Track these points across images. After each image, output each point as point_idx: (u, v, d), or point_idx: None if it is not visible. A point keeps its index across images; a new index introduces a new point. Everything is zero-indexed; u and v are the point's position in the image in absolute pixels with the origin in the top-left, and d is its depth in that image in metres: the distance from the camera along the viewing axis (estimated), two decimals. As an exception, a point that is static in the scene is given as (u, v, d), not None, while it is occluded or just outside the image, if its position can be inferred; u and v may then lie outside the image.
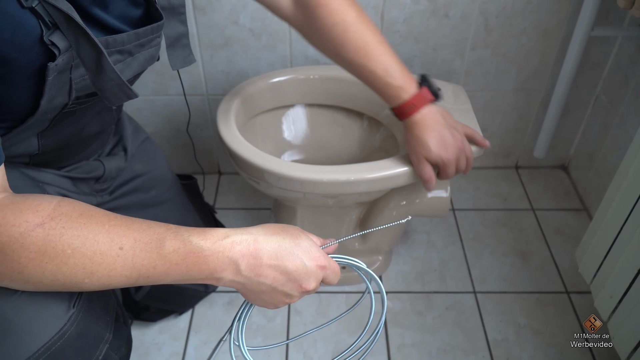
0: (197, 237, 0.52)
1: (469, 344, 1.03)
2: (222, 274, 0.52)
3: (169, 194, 0.93)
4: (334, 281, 0.59)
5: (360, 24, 0.76)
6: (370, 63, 0.77)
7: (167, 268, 0.50)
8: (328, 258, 0.58)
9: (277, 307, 0.58)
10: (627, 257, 0.80)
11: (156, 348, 1.03)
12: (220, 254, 0.52)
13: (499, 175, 1.43)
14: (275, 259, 0.53)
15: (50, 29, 0.48)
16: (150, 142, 0.93)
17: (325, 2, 0.75)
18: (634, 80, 1.10)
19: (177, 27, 0.63)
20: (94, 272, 0.48)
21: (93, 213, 0.50)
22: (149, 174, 0.89)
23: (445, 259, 1.20)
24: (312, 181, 0.85)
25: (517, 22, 1.14)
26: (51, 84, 0.51)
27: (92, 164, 0.77)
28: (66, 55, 0.50)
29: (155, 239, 0.50)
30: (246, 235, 0.54)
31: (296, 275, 0.54)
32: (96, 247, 0.48)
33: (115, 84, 0.52)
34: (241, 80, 1.06)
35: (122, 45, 0.55)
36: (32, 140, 0.62)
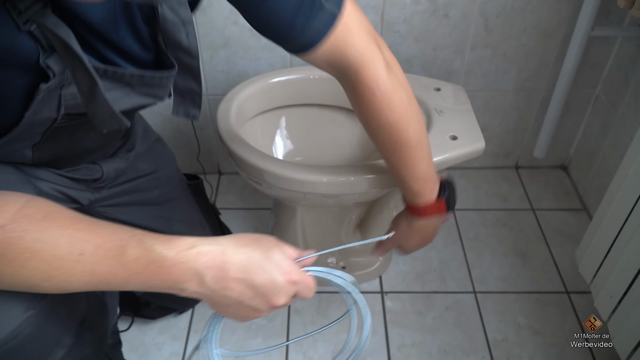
0: (162, 245, 0.50)
1: (469, 344, 1.03)
2: (185, 284, 0.50)
3: (173, 194, 0.92)
4: (307, 296, 0.56)
5: (396, 126, 0.69)
6: (396, 162, 0.74)
7: (127, 276, 0.49)
8: (301, 273, 0.55)
9: (245, 320, 0.56)
10: (627, 257, 0.80)
11: (156, 348, 1.03)
12: (183, 265, 0.50)
13: (499, 175, 1.43)
14: (243, 272, 0.51)
15: (47, 52, 0.47)
16: (161, 143, 0.92)
17: (365, 96, 0.68)
18: (634, 80, 1.10)
19: (189, 82, 0.61)
20: (52, 276, 0.47)
21: (58, 216, 0.49)
22: (153, 174, 0.88)
23: (445, 259, 1.20)
24: (312, 181, 0.85)
25: (517, 22, 1.14)
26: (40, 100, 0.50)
27: (90, 167, 0.76)
28: (60, 77, 0.50)
29: (117, 245, 0.49)
30: (214, 246, 0.51)
31: (264, 290, 0.52)
32: (55, 252, 0.47)
33: (106, 112, 0.51)
34: (241, 80, 1.06)
35: (122, 77, 0.54)
36: (26, 152, 0.61)
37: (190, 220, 0.94)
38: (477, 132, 0.93)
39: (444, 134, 0.92)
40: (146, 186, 0.87)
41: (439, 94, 1.03)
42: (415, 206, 0.78)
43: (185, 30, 0.55)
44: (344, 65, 0.65)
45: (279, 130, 1.11)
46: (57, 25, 0.45)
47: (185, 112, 0.63)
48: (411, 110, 0.70)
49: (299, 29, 0.60)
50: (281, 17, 0.59)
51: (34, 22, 0.45)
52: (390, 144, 0.72)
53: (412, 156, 0.73)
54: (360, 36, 0.64)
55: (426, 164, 0.74)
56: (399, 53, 1.19)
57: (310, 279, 0.56)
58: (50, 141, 0.61)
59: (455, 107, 0.99)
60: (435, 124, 0.95)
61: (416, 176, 0.74)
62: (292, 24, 0.59)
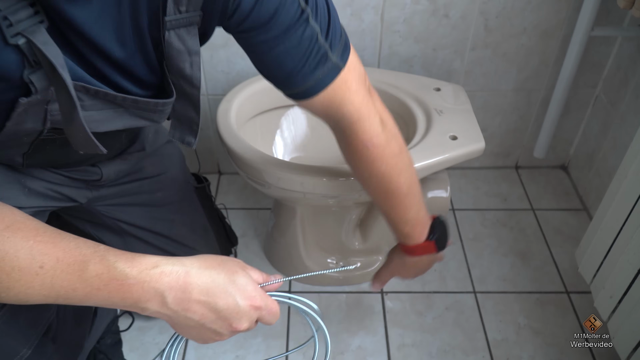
0: (124, 263, 0.49)
1: (469, 344, 1.03)
2: (147, 304, 0.49)
3: (177, 197, 0.91)
4: (270, 322, 0.55)
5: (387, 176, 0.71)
6: (386, 207, 0.76)
7: (87, 292, 0.48)
8: (265, 298, 0.54)
9: (206, 342, 0.55)
10: (627, 257, 0.80)
11: (156, 348, 1.03)
12: (145, 284, 0.49)
13: (499, 175, 1.43)
14: (206, 295, 0.50)
15: (32, 67, 0.47)
16: (171, 145, 0.91)
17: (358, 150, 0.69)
18: (634, 80, 1.10)
19: (188, 110, 0.60)
20: (10, 287, 0.46)
21: (22, 226, 0.48)
22: (158, 177, 0.87)
23: (445, 259, 1.20)
24: (312, 181, 0.85)
25: (517, 22, 1.14)
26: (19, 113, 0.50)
27: (89, 169, 0.76)
28: (43, 93, 0.49)
29: (79, 261, 0.48)
30: (177, 267, 0.50)
31: (227, 314, 0.51)
32: (15, 263, 0.46)
33: (82, 136, 0.51)
34: (241, 80, 1.06)
35: (115, 99, 0.53)
36: (17, 158, 0.61)
37: (192, 223, 0.94)
38: (477, 132, 0.93)
39: (444, 134, 0.92)
40: (149, 188, 0.86)
41: (439, 94, 1.03)
42: (406, 247, 0.81)
43: (190, 59, 0.54)
44: (339, 117, 0.66)
45: (279, 130, 1.11)
46: (46, 44, 0.44)
47: (181, 137, 0.63)
48: (402, 160, 0.71)
49: (300, 78, 0.60)
50: (287, 65, 0.59)
51: (24, 37, 0.44)
52: (382, 192, 0.73)
53: (402, 202, 0.74)
54: (358, 92, 0.64)
55: (416, 209, 0.76)
56: (399, 53, 1.19)
57: (275, 304, 0.55)
58: (40, 151, 0.60)
59: (455, 107, 0.99)
60: (435, 124, 0.95)
61: (405, 220, 0.76)
62: (295, 73, 0.59)
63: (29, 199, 0.68)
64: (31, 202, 0.64)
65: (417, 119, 0.97)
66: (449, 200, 1.03)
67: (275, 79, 0.62)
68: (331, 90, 0.62)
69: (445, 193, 1.03)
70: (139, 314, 1.04)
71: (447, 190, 1.03)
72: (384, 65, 1.21)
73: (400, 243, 0.82)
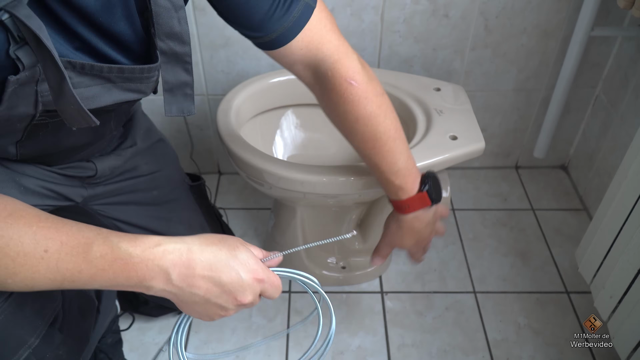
0: (127, 243, 0.50)
1: (469, 344, 1.03)
2: (152, 282, 0.51)
3: (173, 195, 0.91)
4: (273, 295, 0.57)
5: (374, 117, 0.70)
6: (375, 156, 0.74)
7: (93, 273, 0.49)
8: (267, 271, 0.56)
9: (212, 320, 0.56)
10: (627, 257, 0.80)
11: (156, 348, 1.03)
12: (150, 262, 0.50)
13: (499, 175, 1.43)
14: (209, 270, 0.52)
15: (18, 43, 0.46)
16: (164, 144, 0.90)
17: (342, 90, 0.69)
18: (634, 80, 1.10)
19: (179, 74, 0.59)
20: (16, 273, 0.47)
21: (24, 213, 0.49)
22: (152, 175, 0.87)
23: (445, 259, 1.20)
24: (312, 181, 0.85)
25: (517, 22, 1.14)
26: (10, 94, 0.50)
27: (84, 164, 0.75)
28: (31, 70, 0.49)
29: (82, 243, 0.49)
30: (180, 245, 0.52)
31: (231, 288, 0.53)
32: (20, 249, 0.47)
33: (74, 109, 0.51)
34: (241, 80, 1.06)
35: (101, 72, 0.53)
36: (10, 148, 0.61)
37: (189, 221, 0.94)
38: (477, 132, 0.93)
39: (444, 134, 0.92)
40: (145, 186, 0.86)
41: (439, 94, 1.03)
42: (399, 201, 0.78)
43: (177, 15, 0.54)
44: (319, 60, 0.65)
45: (279, 130, 1.11)
46: (29, 17, 0.44)
47: (179, 109, 0.61)
48: (386, 101, 0.71)
49: (276, 20, 0.59)
50: (260, 8, 0.58)
51: (6, 12, 0.44)
52: (370, 137, 0.72)
53: (392, 148, 0.73)
54: (333, 30, 0.65)
55: (406, 156, 0.75)
56: (399, 53, 1.19)
57: (276, 277, 0.56)
58: (33, 138, 0.60)
59: (455, 107, 0.99)
60: (435, 124, 0.95)
61: (396, 169, 0.74)
62: (270, 16, 0.59)
63: (24, 197, 0.67)
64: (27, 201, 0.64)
65: (417, 119, 0.97)
66: (449, 200, 1.03)
67: (249, 26, 0.61)
68: (308, 31, 0.62)
69: (445, 193, 1.03)
70: (140, 314, 1.05)
71: (447, 190, 1.03)
72: (384, 65, 1.21)
73: (394, 203, 0.80)
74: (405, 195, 0.77)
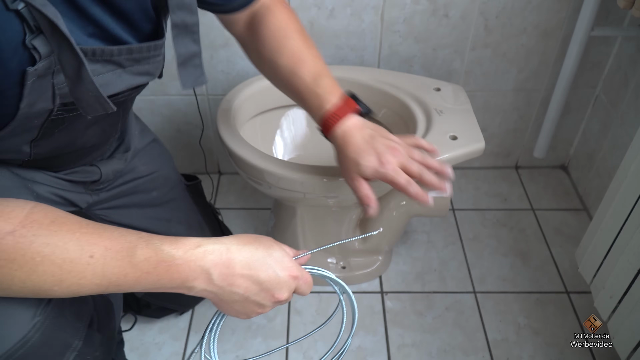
0: (169, 245, 0.51)
1: (469, 344, 1.03)
2: (194, 282, 0.52)
3: (172, 195, 0.92)
4: (306, 291, 0.59)
5: (300, 36, 0.77)
6: (301, 70, 0.74)
7: (138, 276, 0.50)
8: (300, 269, 0.58)
9: (249, 317, 0.58)
10: (627, 257, 0.80)
11: (156, 348, 1.03)
12: (192, 263, 0.51)
13: (499, 175, 1.43)
14: (248, 268, 0.53)
15: (33, 32, 0.47)
16: (158, 144, 0.91)
17: (274, 11, 0.77)
18: (634, 80, 1.10)
19: (189, 46, 0.62)
20: (63, 279, 0.48)
21: (65, 220, 0.49)
22: (151, 176, 0.87)
23: (445, 259, 1.20)
24: (312, 181, 0.85)
25: (517, 22, 1.14)
26: (30, 88, 0.50)
27: (89, 169, 0.76)
28: (47, 60, 0.49)
29: (126, 247, 0.50)
30: (219, 245, 0.53)
31: (269, 285, 0.54)
32: (66, 255, 0.47)
33: (92, 96, 0.51)
34: (241, 80, 1.06)
35: (111, 56, 0.54)
36: (24, 147, 0.61)
37: (189, 221, 0.94)
38: (477, 132, 0.93)
39: (444, 134, 0.92)
40: (144, 187, 0.87)
41: (439, 94, 1.03)
42: (326, 114, 0.72)
43: None
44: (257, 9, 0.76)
45: (279, 130, 1.11)
46: (45, 5, 0.45)
47: (194, 81, 0.64)
48: (305, 32, 0.79)
49: None
50: None
51: (22, 1, 0.44)
52: (297, 51, 0.75)
53: (314, 63, 0.75)
54: None
55: (327, 73, 0.76)
56: (399, 53, 1.19)
57: (308, 274, 0.59)
58: (47, 136, 0.60)
59: (455, 107, 0.99)
60: (435, 124, 0.95)
61: (319, 81, 0.74)
62: None
63: None
64: None
65: (417, 119, 0.97)
66: (449, 200, 1.03)
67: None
68: None
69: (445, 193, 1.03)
70: (141, 314, 1.05)
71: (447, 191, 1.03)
72: (384, 65, 1.21)
73: (323, 122, 0.73)
74: (329, 104, 0.72)
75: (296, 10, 1.11)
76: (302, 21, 1.12)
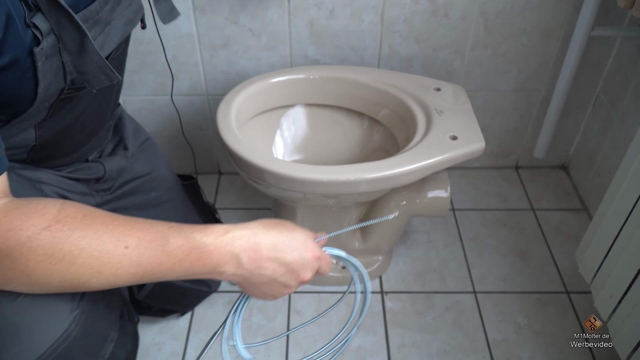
0: (200, 233, 0.53)
1: (469, 344, 1.03)
2: (225, 267, 0.54)
3: (170, 195, 0.93)
4: (327, 271, 0.61)
5: None
6: None
7: (172, 264, 0.52)
8: (321, 250, 0.61)
9: (276, 298, 0.60)
10: (627, 257, 0.80)
11: (156, 348, 1.03)
12: (222, 249, 0.53)
13: (499, 175, 1.43)
14: (275, 251, 0.55)
15: (32, 10, 0.47)
16: (151, 143, 0.92)
17: None
18: (634, 80, 1.10)
19: None
20: (101, 271, 0.49)
21: (96, 214, 0.51)
22: (149, 175, 0.88)
23: (445, 259, 1.20)
24: (312, 181, 0.85)
25: (517, 22, 1.14)
26: (43, 69, 0.51)
27: (93, 165, 0.77)
28: (50, 38, 0.50)
29: (159, 236, 0.51)
30: (246, 230, 0.55)
31: (294, 266, 0.57)
32: (102, 247, 0.49)
33: (97, 67, 0.52)
34: (241, 80, 1.06)
35: (97, 14, 0.55)
36: (30, 131, 0.62)
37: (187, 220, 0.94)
38: (477, 132, 0.93)
39: (444, 134, 0.92)
40: (143, 188, 0.88)
41: (439, 94, 1.03)
42: None
43: None
44: None
45: (279, 130, 1.11)
46: None
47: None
48: None
49: None
50: None
51: None
52: None
53: None
54: None
55: None
56: (399, 53, 1.19)
57: (328, 255, 0.62)
58: (54, 117, 0.62)
59: (455, 107, 0.99)
60: (435, 124, 0.95)
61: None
62: None
63: None
64: None
65: (417, 119, 0.97)
66: (449, 200, 1.03)
67: None
68: None
69: (445, 193, 1.03)
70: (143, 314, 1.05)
71: (447, 190, 1.03)
72: (384, 65, 1.21)
73: None
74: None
75: (296, 10, 1.12)
76: (302, 21, 1.13)
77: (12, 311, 0.51)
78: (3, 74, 0.49)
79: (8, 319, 0.51)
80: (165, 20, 0.71)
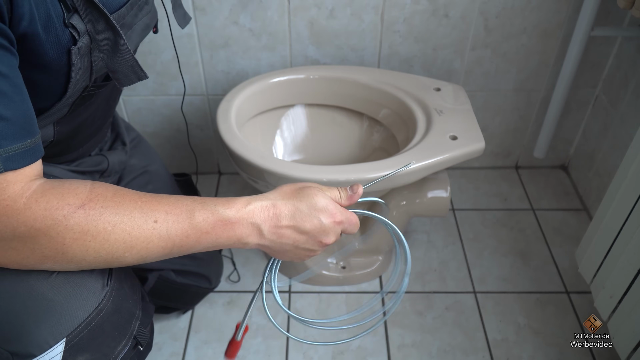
0: (222, 206, 0.55)
1: (469, 344, 1.03)
2: (248, 239, 0.56)
3: (166, 190, 0.95)
4: (353, 231, 0.62)
5: None
6: None
7: (198, 237, 0.54)
8: (345, 212, 0.60)
9: (302, 260, 0.62)
10: (627, 257, 0.80)
11: (156, 348, 1.03)
12: (244, 221, 0.55)
13: (499, 175, 1.43)
14: (293, 220, 0.57)
15: (70, 11, 0.50)
16: (141, 139, 0.96)
17: None
18: (634, 80, 1.10)
19: None
20: (133, 245, 0.51)
21: (124, 192, 0.53)
22: (144, 169, 0.91)
23: (445, 259, 1.20)
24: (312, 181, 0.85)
25: (517, 22, 1.14)
26: (76, 68, 0.54)
27: (96, 158, 0.80)
28: (84, 38, 0.52)
29: (185, 210, 0.53)
30: (265, 201, 0.57)
31: (315, 233, 0.58)
32: (134, 222, 0.51)
33: (128, 65, 0.55)
34: (241, 80, 1.06)
35: (124, 18, 0.58)
36: (49, 127, 0.64)
37: None
38: (477, 132, 0.93)
39: (444, 134, 0.93)
40: (140, 182, 0.91)
41: (439, 94, 1.03)
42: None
43: None
44: None
45: (279, 130, 1.11)
46: None
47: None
48: None
49: None
50: None
51: None
52: None
53: None
54: None
55: None
56: (399, 53, 1.19)
57: (354, 216, 0.62)
58: (73, 113, 0.64)
59: (455, 107, 0.99)
60: (435, 124, 0.95)
61: None
62: None
63: None
64: None
65: (417, 119, 0.97)
66: (449, 200, 1.03)
67: None
68: None
69: (445, 193, 1.03)
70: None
71: (447, 190, 1.03)
72: (384, 65, 1.21)
73: None
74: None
75: (296, 10, 1.12)
76: (302, 21, 1.13)
77: (47, 287, 0.53)
78: (40, 71, 0.52)
79: (44, 295, 0.53)
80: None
